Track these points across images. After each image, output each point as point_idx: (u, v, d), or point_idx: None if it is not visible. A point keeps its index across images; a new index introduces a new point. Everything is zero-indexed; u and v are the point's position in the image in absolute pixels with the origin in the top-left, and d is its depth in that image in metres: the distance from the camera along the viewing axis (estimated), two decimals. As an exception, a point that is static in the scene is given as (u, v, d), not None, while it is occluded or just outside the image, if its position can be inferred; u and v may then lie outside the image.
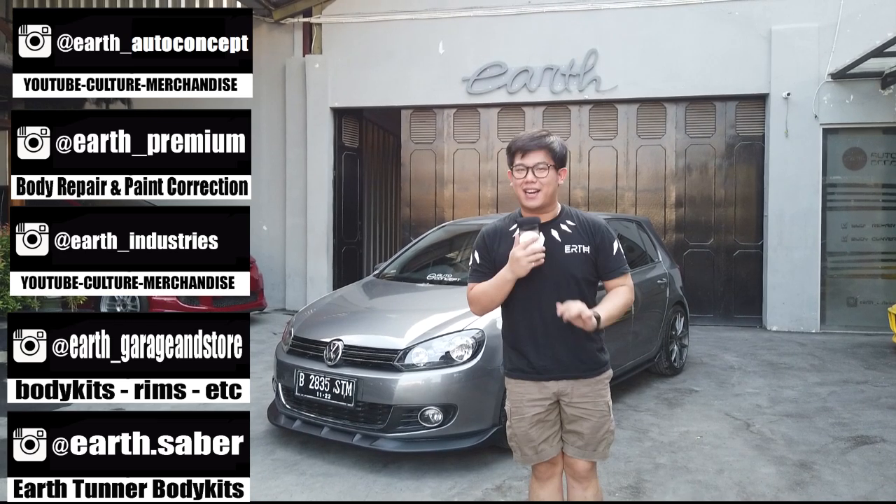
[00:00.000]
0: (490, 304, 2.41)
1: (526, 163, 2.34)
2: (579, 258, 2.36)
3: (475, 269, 2.47)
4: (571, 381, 2.40)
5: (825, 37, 8.27)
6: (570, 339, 2.37)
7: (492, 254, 2.44)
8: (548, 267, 2.30)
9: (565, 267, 2.35)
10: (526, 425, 2.44)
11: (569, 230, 2.40)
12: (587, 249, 2.38)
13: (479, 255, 2.48)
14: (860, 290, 8.49)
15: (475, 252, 2.49)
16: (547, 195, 2.35)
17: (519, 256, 2.24)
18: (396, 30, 9.52)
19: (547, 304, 2.31)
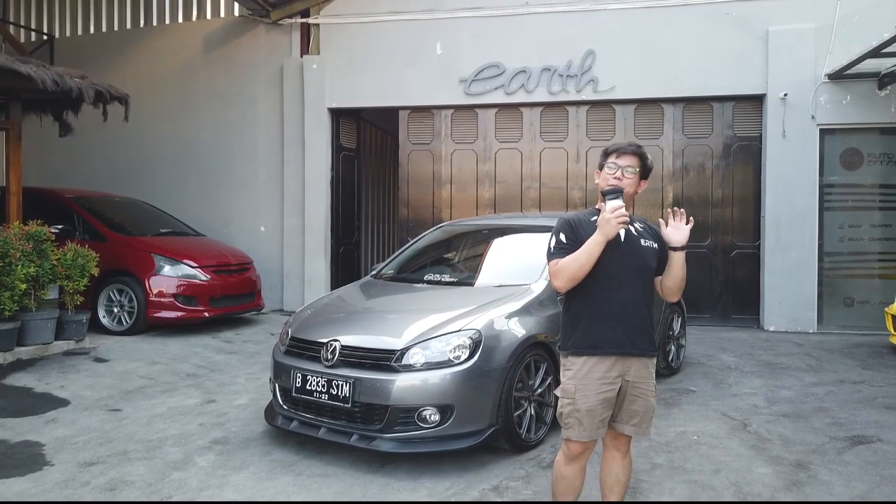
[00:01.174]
0: (579, 270, 2.60)
1: (619, 163, 2.69)
2: (651, 251, 2.73)
3: (560, 247, 2.69)
4: (635, 359, 2.69)
5: (822, 37, 8.29)
6: (637, 319, 2.68)
7: (577, 234, 2.69)
8: (630, 253, 2.66)
9: (642, 256, 2.70)
10: (593, 401, 2.65)
11: (641, 229, 2.76)
12: (655, 246, 2.75)
13: (564, 235, 2.72)
14: (857, 290, 8.51)
15: (559, 234, 2.73)
16: (628, 194, 2.66)
17: (609, 218, 2.50)
18: (394, 30, 9.53)
19: (624, 285, 2.65)
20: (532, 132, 9.43)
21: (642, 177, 2.73)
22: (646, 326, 2.70)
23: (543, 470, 3.81)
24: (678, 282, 2.74)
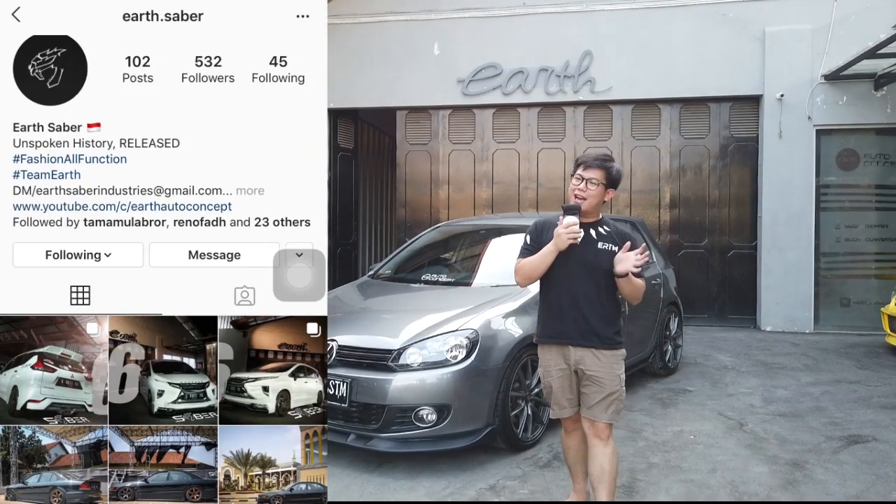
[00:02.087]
0: (533, 272, 2.96)
1: (584, 175, 2.92)
2: (608, 254, 2.92)
3: (525, 248, 3.05)
4: (588, 350, 2.92)
5: (818, 38, 8.31)
6: (591, 316, 2.92)
7: (541, 237, 3.00)
8: (582, 256, 2.89)
9: (596, 258, 2.92)
10: (555, 385, 3.01)
11: (604, 232, 2.98)
12: (615, 249, 2.92)
13: (530, 238, 3.06)
14: (853, 290, 8.53)
15: (527, 236, 3.08)
16: (591, 204, 2.92)
17: (560, 233, 2.81)
18: (391, 31, 9.53)
19: (577, 284, 2.93)
20: (529, 132, 9.45)
21: (609, 186, 2.97)
22: (597, 322, 2.92)
23: (540, 469, 3.82)
24: (627, 295, 2.96)
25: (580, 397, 3.00)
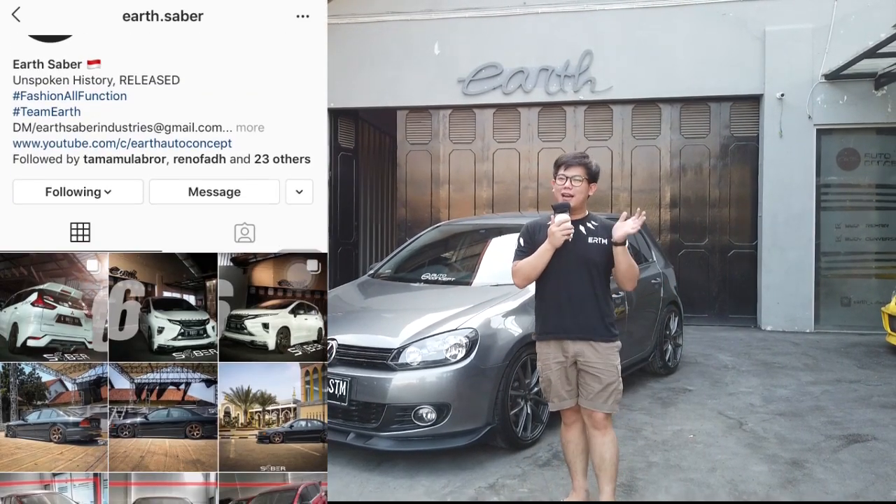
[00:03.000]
0: (532, 271, 3.04)
1: (567, 174, 3.03)
2: (598, 248, 3.03)
3: (520, 251, 3.14)
4: (586, 343, 3.02)
5: (819, 38, 8.31)
6: (587, 309, 3.03)
7: (534, 238, 3.10)
8: (574, 252, 2.99)
9: (588, 253, 3.03)
10: (553, 378, 3.10)
11: (592, 227, 3.08)
12: (605, 242, 3.03)
13: (523, 240, 3.15)
14: (854, 290, 8.53)
15: (521, 238, 3.17)
16: (577, 200, 3.03)
17: (554, 231, 2.91)
18: (391, 31, 9.54)
19: (572, 279, 3.03)
20: (530, 132, 9.45)
21: (591, 181, 3.07)
22: (592, 315, 3.03)
23: (540, 468, 3.82)
24: (622, 273, 3.02)
25: (579, 389, 3.08)
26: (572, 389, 3.10)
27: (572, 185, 3.02)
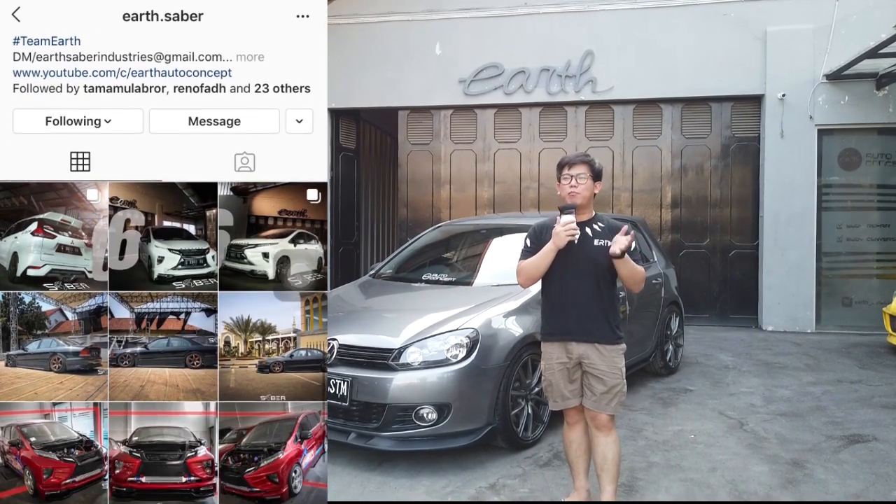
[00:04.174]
0: (535, 272, 3.05)
1: (571, 173, 3.04)
2: (605, 250, 2.99)
3: (526, 250, 3.15)
4: (591, 345, 3.02)
5: (820, 38, 8.30)
6: (592, 311, 3.03)
7: (540, 239, 3.09)
8: (580, 253, 3.00)
9: (593, 254, 3.02)
10: (555, 379, 3.11)
11: (599, 229, 3.07)
12: (610, 243, 2.97)
13: (530, 241, 3.16)
14: (855, 290, 8.52)
15: (527, 239, 3.18)
16: (584, 198, 3.04)
17: (559, 231, 2.90)
18: (393, 31, 9.54)
19: (577, 281, 3.03)
20: (531, 132, 9.45)
21: (595, 179, 3.08)
22: (597, 317, 3.03)
23: (540, 468, 3.83)
24: (626, 279, 3.03)
25: (583, 390, 3.09)
26: (576, 389, 3.10)
27: (578, 182, 3.03)
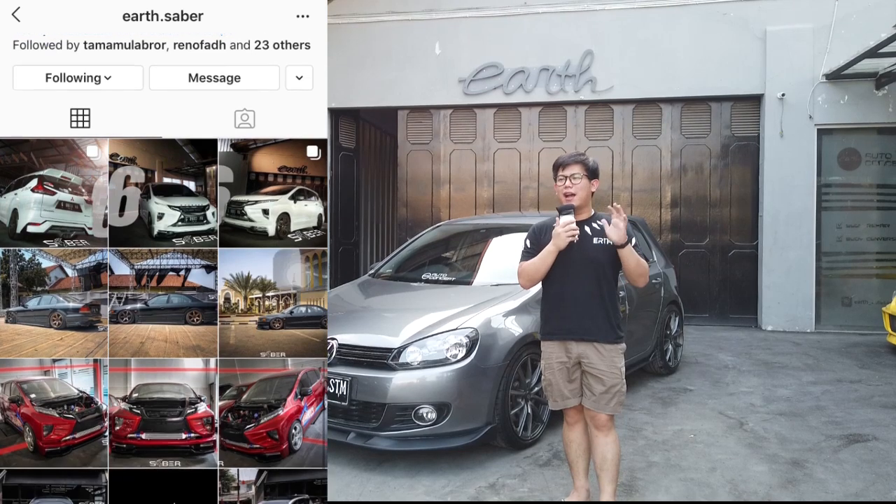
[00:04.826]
0: (535, 273, 3.06)
1: (566, 173, 3.04)
2: (604, 248, 3.02)
3: (526, 252, 3.16)
4: (590, 344, 3.02)
5: (820, 38, 8.30)
6: (592, 310, 3.02)
7: (540, 240, 3.10)
8: (579, 252, 3.00)
9: (593, 254, 3.02)
10: (555, 378, 3.11)
11: (598, 227, 3.05)
12: (610, 242, 2.99)
13: (529, 242, 3.17)
14: (855, 289, 8.52)
15: (527, 240, 3.19)
16: (581, 198, 3.03)
17: (559, 232, 2.92)
18: (393, 31, 9.54)
19: (577, 280, 3.02)
20: (530, 132, 9.45)
21: (591, 178, 3.08)
22: (597, 315, 3.02)
23: (540, 468, 3.83)
24: (632, 271, 3.02)
25: (583, 389, 3.08)
26: (575, 389, 3.10)
27: (572, 183, 3.02)
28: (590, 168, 3.08)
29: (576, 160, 3.07)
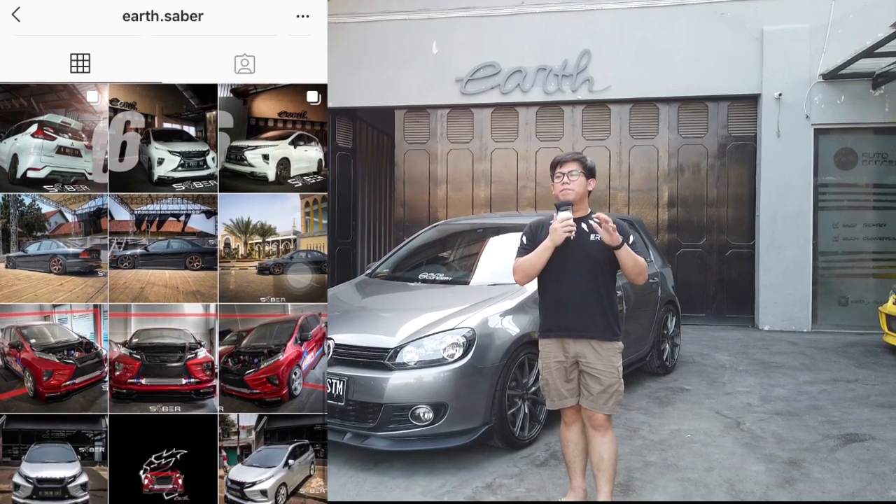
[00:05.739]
0: (531, 268, 3.05)
1: (563, 171, 3.06)
2: (601, 245, 2.99)
3: (522, 248, 3.15)
4: (587, 342, 3.01)
5: (817, 38, 8.31)
6: (589, 307, 3.02)
7: (536, 236, 3.11)
8: (577, 249, 2.99)
9: (589, 250, 3.02)
10: (552, 378, 3.10)
11: (594, 225, 3.00)
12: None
13: (526, 238, 3.17)
14: (851, 289, 8.54)
15: (523, 236, 3.19)
16: (577, 194, 3.03)
17: (556, 227, 2.91)
18: (390, 30, 9.53)
19: (574, 277, 3.03)
20: (528, 132, 9.45)
21: (588, 176, 3.09)
22: (595, 313, 3.02)
23: (537, 468, 3.82)
24: (630, 270, 3.02)
25: (580, 389, 3.08)
26: (573, 389, 3.09)
27: (570, 179, 3.04)
28: (587, 167, 3.09)
29: (573, 158, 3.09)
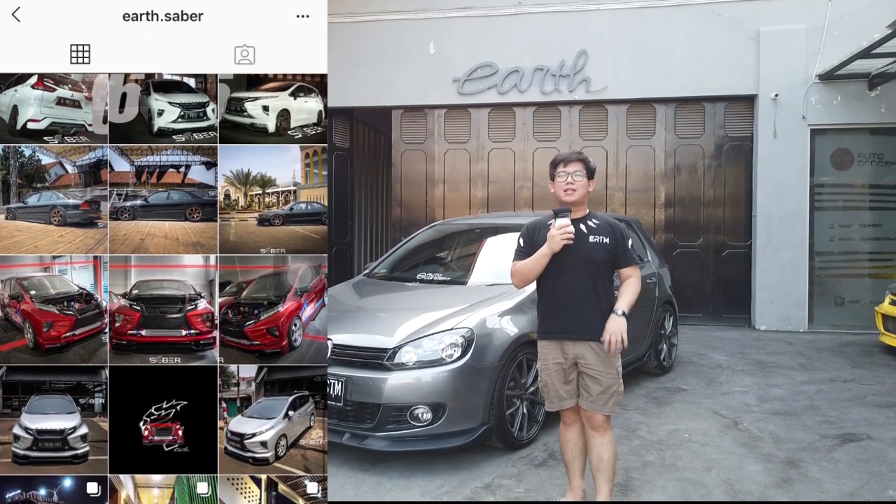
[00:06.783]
0: (529, 274, 3.05)
1: (567, 170, 3.03)
2: (600, 246, 3.02)
3: (519, 251, 3.13)
4: (587, 343, 3.00)
5: (813, 38, 8.33)
6: (587, 308, 3.01)
7: (534, 239, 3.10)
8: (575, 251, 2.97)
9: (589, 252, 3.01)
10: (552, 379, 3.09)
11: (593, 225, 3.07)
12: (607, 240, 3.04)
13: (523, 240, 3.15)
14: (848, 289, 8.56)
15: (521, 238, 3.16)
16: (580, 195, 3.03)
17: (554, 234, 2.90)
18: (387, 30, 9.52)
19: (573, 278, 3.01)
20: (525, 132, 9.45)
21: (589, 178, 3.08)
22: (594, 314, 3.00)
23: (536, 468, 3.82)
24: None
25: (579, 390, 3.07)
26: (572, 389, 3.09)
27: (574, 180, 3.01)
28: (589, 167, 3.09)
29: (577, 158, 3.08)
